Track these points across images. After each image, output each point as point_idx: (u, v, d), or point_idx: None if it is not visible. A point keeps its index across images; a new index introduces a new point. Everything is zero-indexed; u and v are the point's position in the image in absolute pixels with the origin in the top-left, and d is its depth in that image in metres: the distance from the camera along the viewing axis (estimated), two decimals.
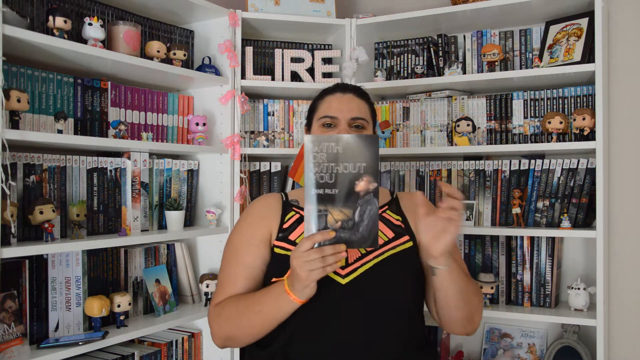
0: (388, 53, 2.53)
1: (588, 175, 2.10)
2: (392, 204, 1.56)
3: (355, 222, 1.26)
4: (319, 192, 1.26)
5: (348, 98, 1.52)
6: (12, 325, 1.56)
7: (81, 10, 1.89)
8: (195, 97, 2.32)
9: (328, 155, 1.25)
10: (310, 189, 1.26)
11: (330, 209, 1.26)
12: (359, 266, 1.40)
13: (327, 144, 1.25)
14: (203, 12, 2.21)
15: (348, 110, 1.49)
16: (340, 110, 1.50)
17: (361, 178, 1.26)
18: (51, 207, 1.66)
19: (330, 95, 1.54)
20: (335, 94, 1.54)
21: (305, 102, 2.46)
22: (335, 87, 1.57)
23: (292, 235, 1.47)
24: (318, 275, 1.23)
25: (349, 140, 1.26)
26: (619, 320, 2.19)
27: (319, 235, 1.24)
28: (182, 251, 2.23)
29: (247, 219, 1.54)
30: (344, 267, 1.39)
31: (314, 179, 1.25)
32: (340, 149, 1.25)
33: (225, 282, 1.48)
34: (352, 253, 1.41)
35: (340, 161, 1.25)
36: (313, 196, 1.26)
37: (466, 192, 2.31)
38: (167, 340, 2.08)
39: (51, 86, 1.80)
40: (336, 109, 1.50)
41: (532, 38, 2.28)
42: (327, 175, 1.26)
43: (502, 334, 2.34)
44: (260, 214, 1.52)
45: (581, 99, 2.15)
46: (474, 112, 2.32)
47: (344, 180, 1.25)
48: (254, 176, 2.37)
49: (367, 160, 1.25)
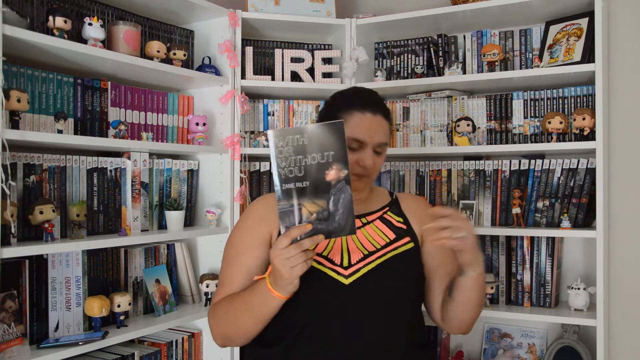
0: (388, 53, 2.53)
1: (588, 175, 2.10)
2: (392, 205, 1.55)
3: (331, 212, 1.25)
4: (289, 186, 1.24)
5: (378, 121, 1.44)
6: (12, 325, 1.56)
7: (81, 10, 1.89)
8: (195, 97, 2.32)
9: (295, 148, 1.22)
10: (280, 185, 1.24)
11: (304, 202, 1.24)
12: (361, 267, 1.40)
13: (292, 137, 1.22)
14: (203, 12, 2.21)
15: (377, 135, 1.43)
16: (369, 135, 1.42)
17: (331, 167, 1.23)
18: (51, 207, 1.66)
19: (360, 113, 1.43)
20: (365, 113, 1.43)
21: (305, 102, 2.46)
22: (366, 104, 1.46)
23: None
24: (300, 270, 1.23)
25: (314, 129, 1.23)
26: (619, 320, 2.19)
27: (296, 230, 1.23)
28: (182, 251, 2.23)
29: (248, 220, 1.52)
30: (347, 268, 1.40)
31: (282, 174, 1.23)
32: (305, 140, 1.22)
33: (224, 283, 1.48)
34: (354, 254, 1.41)
35: (308, 152, 1.23)
36: (284, 192, 1.24)
37: (466, 192, 2.31)
38: (167, 340, 2.08)
39: (51, 86, 1.80)
40: (366, 134, 1.42)
41: (532, 38, 2.28)
42: (296, 168, 1.23)
43: (502, 334, 2.34)
44: (260, 215, 1.51)
45: (581, 99, 2.15)
46: (474, 112, 2.32)
47: (313, 171, 1.23)
48: (254, 176, 2.37)
49: (335, 148, 1.23)
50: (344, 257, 1.41)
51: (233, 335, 1.42)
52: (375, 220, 1.50)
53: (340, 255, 1.41)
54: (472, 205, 2.27)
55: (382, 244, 1.45)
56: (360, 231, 1.46)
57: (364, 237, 1.45)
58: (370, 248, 1.43)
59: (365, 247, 1.43)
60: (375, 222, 1.49)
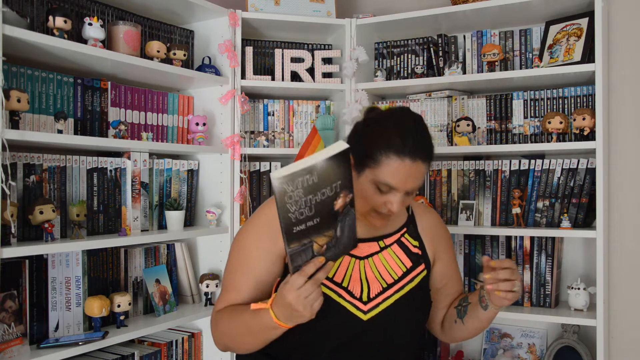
0: (388, 53, 2.53)
1: (588, 175, 2.10)
2: (409, 225, 1.50)
3: (338, 237, 1.21)
4: (301, 228, 1.14)
5: (416, 168, 1.31)
6: (12, 325, 1.56)
7: (81, 10, 1.89)
8: (195, 97, 2.32)
9: (305, 190, 1.11)
10: (290, 228, 1.12)
11: (314, 238, 1.17)
12: (380, 302, 1.37)
13: (302, 179, 1.10)
14: (203, 12, 2.21)
15: (411, 182, 1.31)
16: (403, 183, 1.30)
17: (339, 196, 1.16)
18: (51, 207, 1.66)
19: (398, 159, 1.29)
20: (404, 160, 1.29)
21: (305, 102, 2.46)
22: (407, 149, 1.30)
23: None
24: (319, 305, 1.18)
25: (323, 165, 1.11)
26: (619, 320, 2.19)
27: (311, 266, 1.17)
28: (182, 251, 2.23)
29: (264, 227, 1.41)
30: (367, 302, 1.36)
31: (293, 217, 1.12)
32: (315, 178, 1.11)
33: (230, 289, 1.41)
34: (373, 285, 1.38)
35: (318, 189, 1.13)
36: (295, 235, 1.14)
37: (466, 192, 2.31)
38: (167, 340, 2.08)
39: (51, 86, 1.80)
40: (400, 182, 1.30)
41: (532, 38, 2.28)
42: (307, 208, 1.13)
43: (502, 334, 2.34)
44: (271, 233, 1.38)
45: (581, 99, 2.15)
46: (474, 112, 2.32)
47: (323, 206, 1.15)
48: (254, 176, 2.37)
49: (342, 177, 1.15)
50: (363, 289, 1.38)
51: (236, 350, 1.41)
52: (393, 245, 1.46)
53: (360, 286, 1.38)
54: (472, 205, 2.27)
55: (399, 273, 1.42)
56: (379, 258, 1.42)
57: (382, 266, 1.42)
58: (389, 279, 1.41)
59: (384, 277, 1.41)
60: (393, 247, 1.45)
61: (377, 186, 1.32)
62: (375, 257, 1.42)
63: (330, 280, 1.38)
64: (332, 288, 1.37)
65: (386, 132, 1.32)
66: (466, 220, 2.27)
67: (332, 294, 1.36)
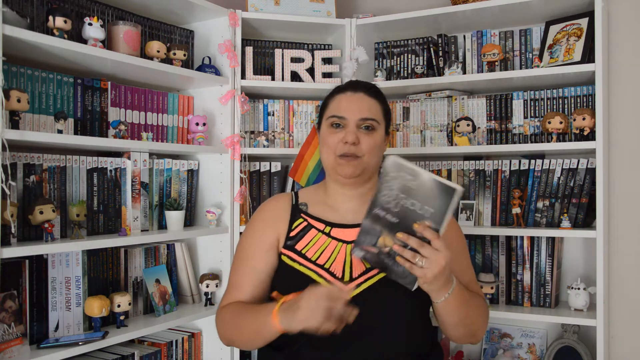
0: (388, 53, 2.53)
1: (588, 175, 2.10)
2: None
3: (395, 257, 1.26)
4: (381, 213, 1.25)
5: (358, 97, 1.46)
6: (12, 325, 1.56)
7: (81, 10, 1.89)
8: (195, 97, 2.32)
9: (401, 186, 1.23)
10: (374, 205, 1.25)
11: (385, 233, 1.26)
12: (362, 281, 1.38)
13: (404, 174, 1.22)
14: (203, 12, 2.21)
15: (358, 110, 1.44)
16: (349, 110, 1.44)
17: (423, 221, 1.23)
18: (51, 207, 1.66)
19: (341, 93, 1.48)
20: (346, 92, 1.48)
21: (305, 102, 2.46)
22: (347, 85, 1.51)
23: (298, 245, 1.45)
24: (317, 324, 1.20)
25: (428, 180, 1.21)
26: (619, 320, 2.19)
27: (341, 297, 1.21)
28: (182, 251, 2.23)
29: (256, 222, 1.52)
30: (348, 282, 1.37)
31: (381, 199, 1.25)
32: (415, 184, 1.22)
33: (232, 285, 1.49)
34: (356, 267, 1.40)
35: (411, 196, 1.23)
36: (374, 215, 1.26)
37: (466, 192, 2.31)
38: (167, 340, 2.07)
39: (51, 86, 1.80)
40: (345, 109, 1.44)
41: (532, 38, 2.28)
42: (394, 202, 1.24)
43: (502, 334, 2.34)
44: (267, 218, 1.50)
45: (581, 99, 2.15)
46: (474, 112, 2.32)
47: (406, 215, 1.23)
48: (254, 176, 2.37)
49: (436, 208, 1.21)
50: (345, 270, 1.40)
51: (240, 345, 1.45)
52: None
53: (342, 268, 1.40)
54: (472, 205, 2.27)
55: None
56: None
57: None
58: None
59: None
60: None
61: (331, 124, 1.45)
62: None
63: (312, 262, 1.41)
64: (313, 269, 1.40)
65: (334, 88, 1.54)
66: (466, 220, 2.27)
67: (312, 274, 1.39)
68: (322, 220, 1.47)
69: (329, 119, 1.47)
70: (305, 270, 1.40)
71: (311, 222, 1.47)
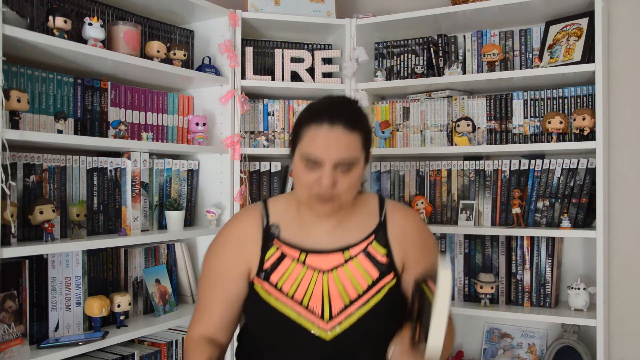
0: (388, 53, 2.53)
1: (588, 175, 2.10)
2: (379, 231, 1.38)
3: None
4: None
5: (336, 135, 1.25)
6: (12, 325, 1.56)
7: (81, 10, 1.89)
8: (195, 97, 2.32)
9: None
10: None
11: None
12: (343, 319, 1.30)
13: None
14: (203, 12, 2.21)
15: (335, 150, 1.25)
16: (325, 151, 1.25)
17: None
18: (51, 207, 1.66)
19: (316, 126, 1.27)
20: (322, 125, 1.26)
21: (305, 102, 2.46)
22: (324, 113, 1.28)
23: (273, 277, 1.34)
24: None
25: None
26: (619, 320, 2.19)
27: None
28: (182, 251, 2.23)
29: (226, 244, 1.40)
30: (328, 321, 1.29)
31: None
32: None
33: (202, 310, 1.40)
34: (335, 302, 1.31)
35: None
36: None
37: (466, 192, 2.31)
38: (167, 340, 2.07)
39: (51, 86, 1.80)
40: (321, 150, 1.25)
41: (532, 38, 2.28)
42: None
43: (502, 334, 2.34)
44: (238, 245, 1.38)
45: (581, 99, 2.15)
46: (474, 112, 2.32)
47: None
48: (254, 176, 2.37)
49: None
50: (324, 306, 1.31)
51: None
52: (358, 255, 1.35)
53: (321, 303, 1.31)
54: (472, 205, 2.27)
55: (364, 286, 1.32)
56: (344, 270, 1.33)
57: (347, 278, 1.33)
58: (353, 294, 1.31)
59: (348, 292, 1.31)
60: (359, 258, 1.35)
61: (305, 163, 1.28)
62: (340, 269, 1.33)
63: (289, 298, 1.31)
64: (291, 306, 1.30)
65: (308, 109, 1.34)
66: (466, 220, 2.27)
67: (291, 313, 1.30)
68: (297, 246, 1.35)
69: (303, 155, 1.28)
70: (283, 308, 1.31)
71: (285, 250, 1.35)
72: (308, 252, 1.35)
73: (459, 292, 2.31)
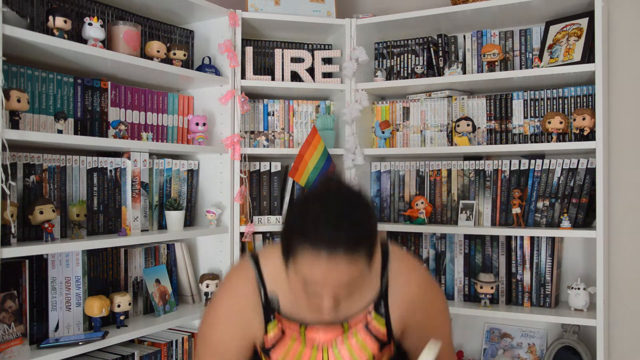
0: (388, 53, 2.53)
1: (588, 175, 2.10)
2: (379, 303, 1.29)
3: None
4: None
5: (337, 266, 1.09)
6: (12, 325, 1.56)
7: (81, 10, 1.89)
8: (195, 97, 2.32)
9: None
10: None
11: None
12: None
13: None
14: (203, 12, 2.21)
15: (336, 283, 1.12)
16: (324, 283, 1.12)
17: None
18: (51, 207, 1.66)
19: (314, 251, 1.09)
20: (320, 254, 1.08)
21: (305, 102, 2.46)
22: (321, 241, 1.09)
23: (274, 355, 1.28)
24: None
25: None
26: (619, 320, 2.19)
27: None
28: (182, 251, 2.23)
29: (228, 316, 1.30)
30: None
31: None
32: None
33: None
34: None
35: None
36: None
37: (466, 192, 2.31)
38: (167, 340, 2.07)
39: (51, 86, 1.80)
40: (319, 282, 1.12)
41: (532, 38, 2.28)
42: None
43: (502, 334, 2.34)
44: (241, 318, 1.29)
45: (581, 99, 2.15)
46: (474, 112, 2.32)
47: None
48: (254, 176, 2.37)
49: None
50: None
51: None
52: (358, 329, 1.28)
53: None
54: (472, 205, 2.27)
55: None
56: (344, 345, 1.27)
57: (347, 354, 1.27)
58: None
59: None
60: (359, 332, 1.28)
61: (303, 286, 1.15)
62: (339, 342, 1.27)
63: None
64: None
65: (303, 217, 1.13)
66: (466, 220, 2.27)
67: None
68: (296, 320, 1.28)
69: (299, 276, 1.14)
70: None
71: (285, 326, 1.27)
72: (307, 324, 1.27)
73: (459, 292, 2.31)
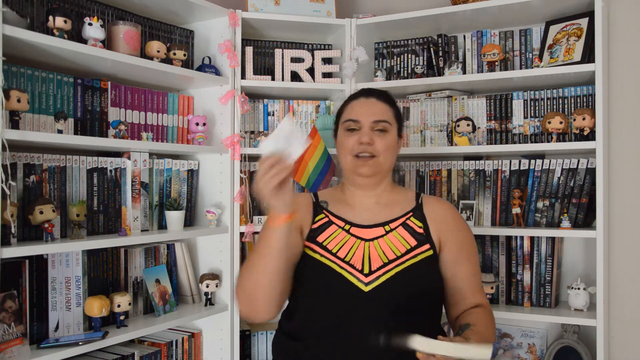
0: (388, 53, 2.53)
1: (588, 175, 2.10)
2: (416, 210, 1.59)
3: None
4: None
5: (371, 102, 1.58)
6: (12, 325, 1.56)
7: (81, 10, 1.89)
8: (195, 97, 2.32)
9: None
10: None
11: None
12: (381, 274, 1.44)
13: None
14: (203, 12, 2.21)
15: (371, 113, 1.55)
16: (362, 114, 1.55)
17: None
18: (51, 207, 1.66)
19: (354, 100, 1.61)
20: (359, 98, 1.60)
21: (305, 102, 2.46)
22: (360, 92, 1.64)
23: (320, 237, 1.53)
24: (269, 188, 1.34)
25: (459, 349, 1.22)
26: (619, 320, 2.19)
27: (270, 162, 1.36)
28: (182, 251, 2.23)
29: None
30: (367, 275, 1.44)
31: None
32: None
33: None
34: (375, 261, 1.47)
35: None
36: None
37: (466, 192, 2.31)
38: (167, 340, 2.08)
39: (51, 86, 1.80)
40: (358, 113, 1.56)
41: (532, 38, 2.28)
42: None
43: (502, 334, 2.34)
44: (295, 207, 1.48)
45: (581, 99, 2.15)
46: (474, 112, 2.32)
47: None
48: (254, 176, 2.37)
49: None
50: (364, 264, 1.46)
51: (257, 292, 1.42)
52: (398, 227, 1.54)
53: (361, 261, 1.47)
54: (472, 205, 2.27)
55: (402, 251, 1.49)
56: (384, 240, 1.51)
57: (386, 245, 1.50)
58: (391, 256, 1.48)
59: (387, 254, 1.48)
60: (398, 229, 1.54)
61: (347, 129, 1.56)
62: (380, 239, 1.51)
63: (333, 254, 1.48)
64: (334, 261, 1.47)
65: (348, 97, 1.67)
66: (466, 220, 2.26)
67: (334, 266, 1.46)
68: (342, 219, 1.56)
69: (344, 123, 1.58)
70: (327, 262, 1.47)
71: (332, 219, 1.56)
72: (352, 224, 1.54)
73: None
